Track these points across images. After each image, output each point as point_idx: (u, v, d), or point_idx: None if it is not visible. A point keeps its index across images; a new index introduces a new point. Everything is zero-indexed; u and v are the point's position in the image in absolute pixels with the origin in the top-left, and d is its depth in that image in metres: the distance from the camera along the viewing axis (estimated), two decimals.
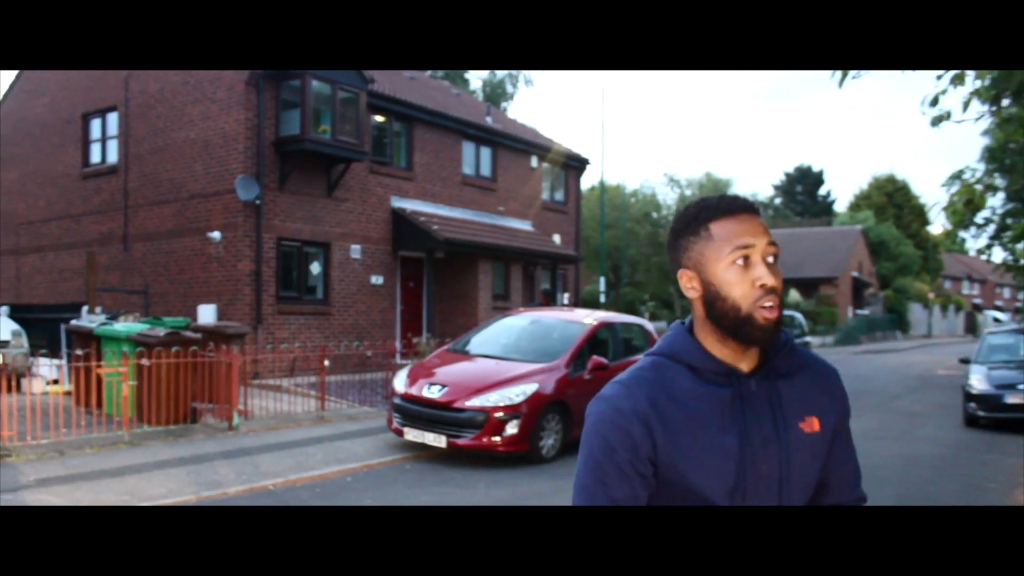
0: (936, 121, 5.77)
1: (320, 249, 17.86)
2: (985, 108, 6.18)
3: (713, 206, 1.66)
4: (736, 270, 1.61)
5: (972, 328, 60.31)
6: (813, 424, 1.69)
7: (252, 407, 12.39)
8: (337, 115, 16.92)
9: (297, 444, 10.48)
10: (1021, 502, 8.06)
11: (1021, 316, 49.52)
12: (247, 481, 8.48)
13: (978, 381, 13.56)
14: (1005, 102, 5.67)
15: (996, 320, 52.74)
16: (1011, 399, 13.07)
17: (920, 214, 60.43)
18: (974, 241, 34.38)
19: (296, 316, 17.11)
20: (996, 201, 21.04)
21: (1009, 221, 21.10)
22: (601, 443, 1.62)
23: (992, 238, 22.42)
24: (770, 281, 1.60)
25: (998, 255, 23.90)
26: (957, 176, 7.27)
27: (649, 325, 12.89)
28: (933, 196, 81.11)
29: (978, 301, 72.13)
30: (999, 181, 19.15)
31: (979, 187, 7.30)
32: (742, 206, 1.65)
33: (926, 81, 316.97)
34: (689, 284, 1.68)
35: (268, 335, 16.25)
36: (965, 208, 7.07)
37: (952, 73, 3.49)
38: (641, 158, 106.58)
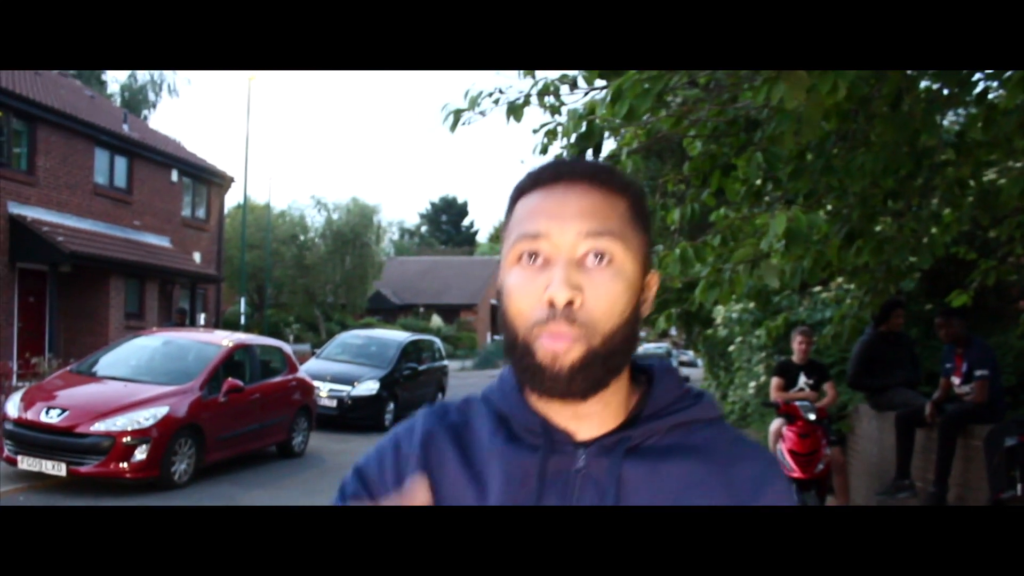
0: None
1: None
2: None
3: (528, 176, 1.10)
4: (520, 272, 1.03)
5: None
6: None
7: None
8: None
9: None
10: None
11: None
12: None
13: None
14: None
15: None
16: None
17: None
18: None
19: None
20: None
21: None
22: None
23: None
24: (560, 295, 0.98)
25: None
26: None
27: (288, 348, 12.90)
28: None
29: None
30: None
31: None
32: (558, 172, 1.07)
33: None
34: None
35: None
36: None
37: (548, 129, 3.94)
38: (290, 179, 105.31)
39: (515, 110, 3.85)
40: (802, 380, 7.80)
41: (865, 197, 4.73)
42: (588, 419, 1.06)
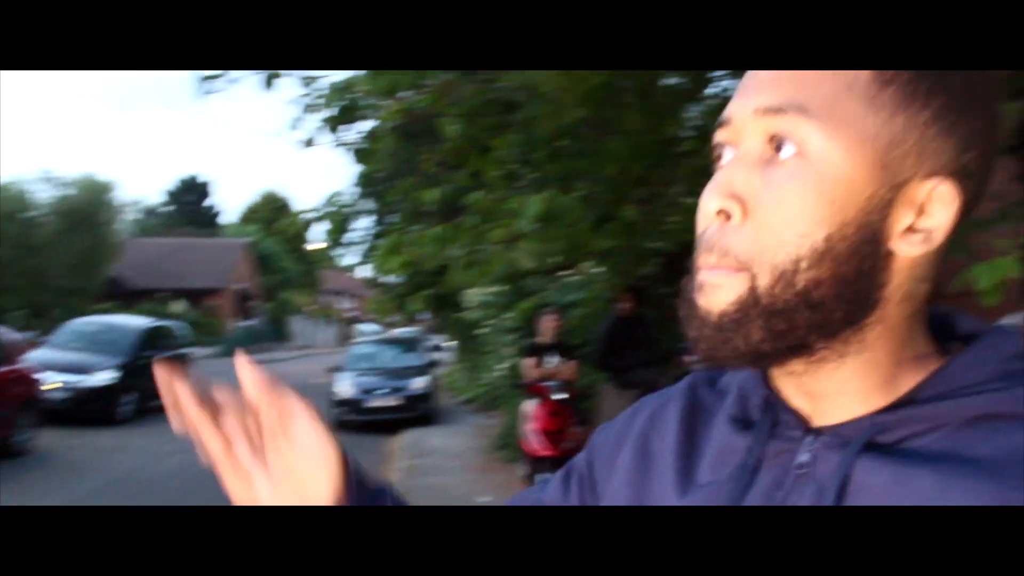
0: (308, 143, 6.17)
1: None
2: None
3: None
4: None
5: (346, 339, 65.28)
6: None
7: None
8: None
9: None
10: None
11: (386, 328, 55.05)
12: None
13: (345, 387, 14.79)
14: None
15: (362, 332, 57.96)
16: (373, 403, 14.55)
17: (303, 230, 63.68)
18: (348, 258, 37.29)
19: None
20: (367, 223, 23.14)
21: (378, 241, 23.38)
22: None
23: (364, 256, 24.57)
24: (708, 204, 0.67)
25: (367, 272, 26.21)
26: (332, 199, 7.86)
27: (9, 335, 11.80)
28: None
29: (355, 314, 78.43)
30: (369, 205, 21.09)
31: (348, 210, 7.97)
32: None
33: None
34: None
35: None
36: (338, 229, 7.68)
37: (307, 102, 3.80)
38: (12, 152, 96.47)
39: (271, 78, 3.65)
40: (550, 359, 8.00)
41: (615, 183, 4.89)
42: (829, 398, 0.69)
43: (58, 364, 14.22)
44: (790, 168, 0.64)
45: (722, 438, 0.76)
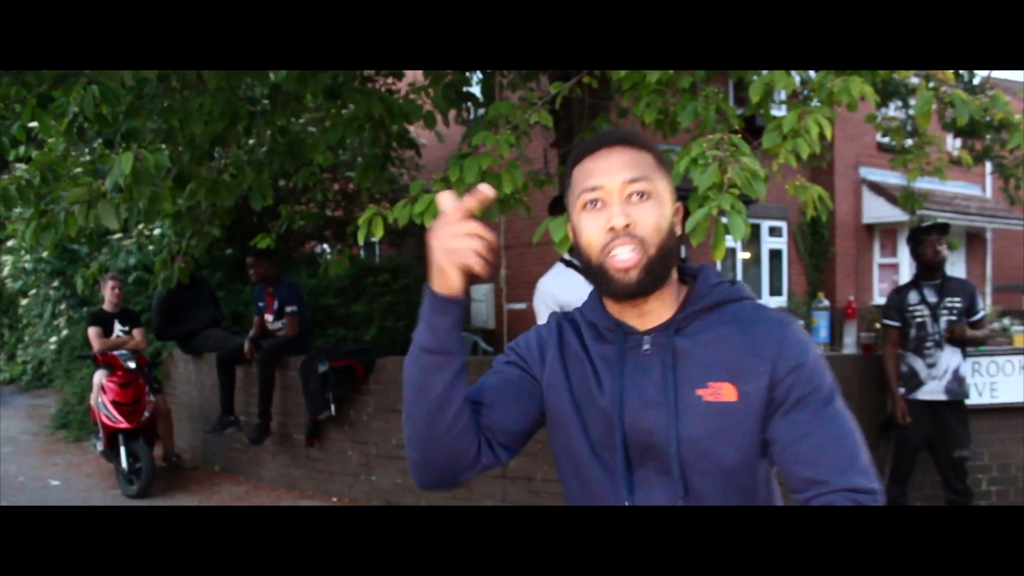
0: None
1: None
2: None
3: (579, 150, 1.52)
4: (586, 216, 1.44)
5: None
6: (721, 391, 1.38)
7: None
8: None
9: None
10: None
11: None
12: None
13: None
14: None
15: None
16: None
17: None
18: None
19: None
20: None
21: None
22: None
23: None
24: (618, 221, 1.38)
25: None
26: None
27: None
28: None
29: None
30: None
31: None
32: (604, 142, 1.47)
33: None
34: (571, 235, 1.54)
35: None
36: None
37: None
38: None
39: None
40: (117, 328, 7.57)
41: (194, 141, 4.76)
42: (650, 315, 1.47)
43: None
44: (648, 203, 1.41)
45: (597, 347, 1.51)
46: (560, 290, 3.63)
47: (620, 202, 1.39)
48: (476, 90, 6.48)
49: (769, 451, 1.39)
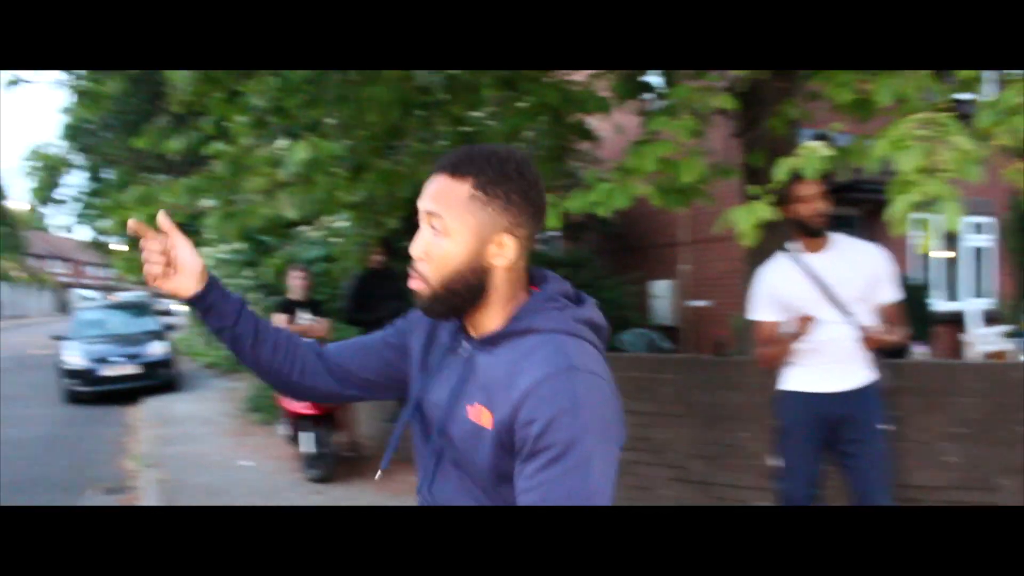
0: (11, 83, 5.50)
1: None
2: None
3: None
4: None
5: (64, 306, 60.38)
6: (480, 415, 1.39)
7: None
8: None
9: None
10: (128, 469, 8.33)
11: (109, 292, 51.48)
12: None
13: (74, 357, 13.64)
14: None
15: (86, 298, 53.85)
16: (106, 372, 13.50)
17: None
18: (56, 219, 33.73)
19: None
20: (78, 179, 21.17)
21: (94, 200, 21.51)
22: None
23: (79, 216, 22.63)
24: (413, 251, 1.48)
25: (84, 233, 24.18)
26: (39, 153, 7.12)
27: None
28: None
29: (68, 279, 72.60)
30: (79, 159, 19.33)
31: (55, 164, 7.24)
32: (437, 166, 1.49)
33: None
34: None
35: None
36: (46, 186, 6.99)
37: None
38: None
39: None
40: (301, 316, 7.81)
41: (372, 132, 4.78)
42: (479, 326, 1.50)
43: None
44: (441, 239, 1.42)
45: (441, 340, 1.60)
46: (781, 284, 3.43)
47: (426, 229, 1.45)
48: (655, 79, 6.24)
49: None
